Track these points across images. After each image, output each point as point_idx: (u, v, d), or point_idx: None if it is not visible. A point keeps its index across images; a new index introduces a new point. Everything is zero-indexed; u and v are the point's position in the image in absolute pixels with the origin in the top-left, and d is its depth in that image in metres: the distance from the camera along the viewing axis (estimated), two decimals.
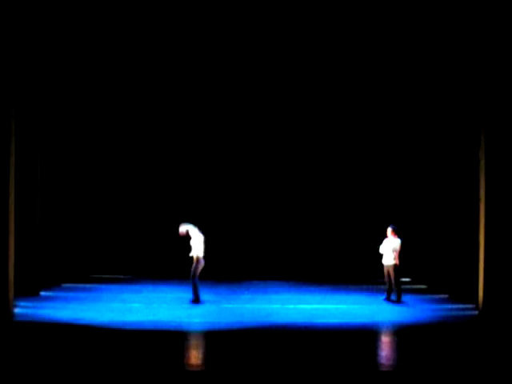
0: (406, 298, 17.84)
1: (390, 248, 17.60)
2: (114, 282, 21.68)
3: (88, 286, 20.67)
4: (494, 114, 15.22)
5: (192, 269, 17.17)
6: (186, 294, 17.57)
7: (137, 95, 23.09)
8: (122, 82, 22.36)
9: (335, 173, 23.76)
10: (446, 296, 18.97)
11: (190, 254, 17.28)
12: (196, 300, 17.14)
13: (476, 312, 15.89)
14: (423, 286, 21.10)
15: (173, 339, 13.08)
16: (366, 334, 13.88)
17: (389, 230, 17.80)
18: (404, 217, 22.24)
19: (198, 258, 17.20)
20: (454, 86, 18.50)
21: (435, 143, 20.69)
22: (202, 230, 17.47)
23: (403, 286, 18.40)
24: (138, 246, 23.69)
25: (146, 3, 17.73)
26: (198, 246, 17.26)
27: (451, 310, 16.87)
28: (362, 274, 22.69)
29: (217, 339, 13.27)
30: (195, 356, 12.21)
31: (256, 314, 15.79)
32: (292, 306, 17.07)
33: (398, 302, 17.45)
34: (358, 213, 23.73)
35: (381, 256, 17.80)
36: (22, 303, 16.41)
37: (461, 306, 17.29)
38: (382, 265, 17.78)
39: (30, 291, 17.73)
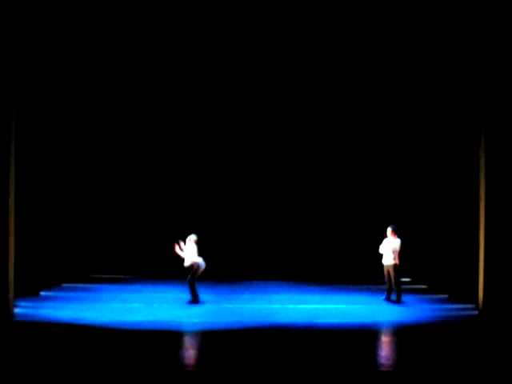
0: (406, 298, 17.84)
1: (389, 248, 17.59)
2: (114, 282, 21.67)
3: (88, 285, 20.67)
4: (494, 114, 15.22)
5: (191, 273, 17.10)
6: (186, 294, 17.55)
7: (136, 95, 23.06)
8: (122, 82, 22.34)
9: (335, 173, 23.74)
10: (446, 296, 18.96)
11: (185, 264, 17.20)
12: (195, 301, 17.12)
13: (476, 312, 15.89)
14: (423, 286, 21.09)
15: (173, 339, 13.08)
16: (366, 334, 13.88)
17: (389, 230, 17.79)
18: (404, 217, 22.24)
19: (196, 264, 17.10)
20: (454, 86, 18.49)
21: (435, 143, 20.68)
22: (202, 231, 17.48)
23: (403, 286, 18.40)
24: (138, 245, 23.67)
25: (145, 3, 17.72)
26: (191, 255, 17.16)
27: (451, 309, 16.86)
28: (362, 273, 22.69)
29: (217, 339, 13.27)
30: (195, 356, 12.21)
31: (256, 313, 15.78)
32: (292, 306, 17.07)
33: (398, 302, 17.44)
34: (357, 213, 23.71)
35: (381, 256, 17.80)
36: (22, 303, 16.40)
37: (461, 305, 17.29)
38: (382, 265, 17.78)
39: (30, 291, 17.73)
